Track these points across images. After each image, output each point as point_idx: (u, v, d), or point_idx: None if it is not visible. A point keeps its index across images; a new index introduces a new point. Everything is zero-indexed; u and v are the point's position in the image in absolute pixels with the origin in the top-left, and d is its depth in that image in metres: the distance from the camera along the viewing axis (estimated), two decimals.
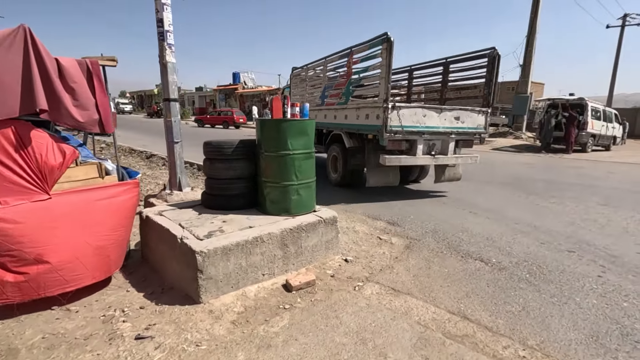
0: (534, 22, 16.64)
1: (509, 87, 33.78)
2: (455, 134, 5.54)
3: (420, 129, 5.19)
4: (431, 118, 5.27)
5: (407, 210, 4.94)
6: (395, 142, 5.10)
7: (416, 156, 5.27)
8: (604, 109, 14.84)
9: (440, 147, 5.53)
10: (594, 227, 4.32)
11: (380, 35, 4.88)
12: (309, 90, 7.63)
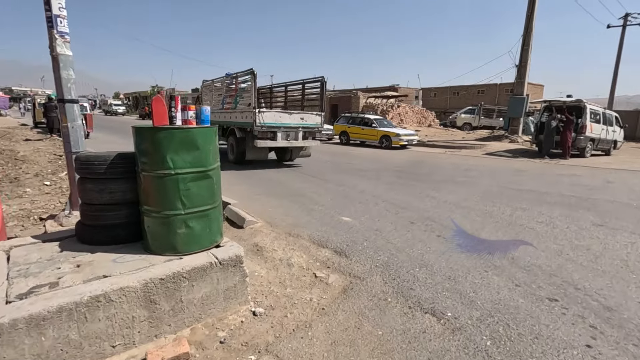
0: (530, 20, 15.86)
1: (507, 89, 32.87)
2: (302, 128, 8.93)
3: (278, 125, 8.47)
4: (285, 118, 8.69)
5: (365, 234, 4.14)
6: (262, 133, 8.32)
7: (277, 141, 8.53)
8: (604, 112, 14.03)
9: (293, 136, 8.82)
10: (585, 258, 3.51)
11: (248, 70, 8.21)
12: (216, 97, 10.50)
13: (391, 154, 13.52)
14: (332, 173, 8.50)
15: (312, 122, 9.14)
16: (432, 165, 10.56)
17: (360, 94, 26.17)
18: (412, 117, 25.70)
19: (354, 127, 16.88)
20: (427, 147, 16.71)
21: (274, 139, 8.46)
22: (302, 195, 6.03)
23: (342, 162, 10.61)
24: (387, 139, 15.47)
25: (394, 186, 6.99)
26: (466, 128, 25.42)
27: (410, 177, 8.12)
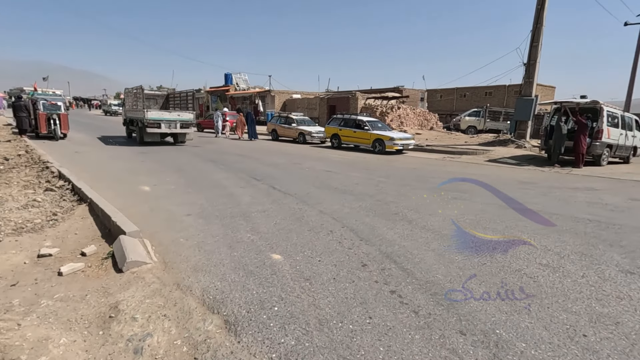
0: (540, 14, 14.41)
1: (516, 90, 31.17)
2: (179, 121, 13.93)
3: (161, 118, 13.49)
4: (166, 114, 13.84)
5: (288, 286, 2.89)
6: (150, 124, 13.24)
7: (162, 129, 13.52)
8: (623, 115, 12.52)
9: (174, 126, 13.81)
10: (615, 338, 2.20)
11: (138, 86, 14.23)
12: (131, 101, 15.15)
13: (382, 161, 12.21)
14: (301, 185, 7.25)
15: (186, 117, 14.24)
16: (423, 176, 9.23)
17: (358, 95, 24.84)
18: (414, 120, 24.28)
19: (346, 129, 15.60)
20: (425, 152, 15.33)
21: (159, 127, 13.48)
22: (243, 216, 4.79)
23: (321, 171, 9.34)
24: (381, 143, 14.16)
25: (366, 204, 5.71)
26: (470, 131, 23.90)
27: (390, 191, 6.82)
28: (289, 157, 12.41)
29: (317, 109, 28.70)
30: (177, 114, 14.03)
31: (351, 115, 16.18)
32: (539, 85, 30.46)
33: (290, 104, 31.65)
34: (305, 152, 14.54)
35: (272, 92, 32.37)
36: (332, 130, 16.29)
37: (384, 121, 21.16)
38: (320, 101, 28.61)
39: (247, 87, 38.27)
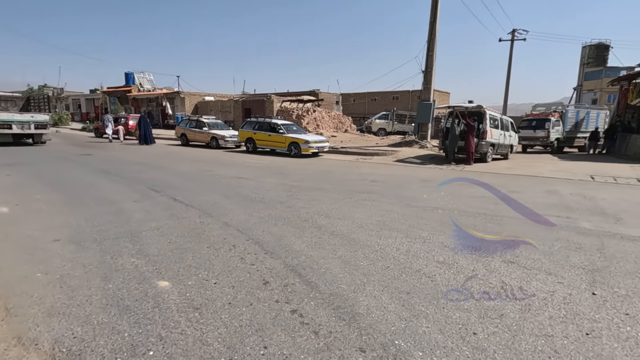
0: (433, 27, 15.94)
1: (419, 95, 34.25)
2: (33, 122, 14.72)
3: (12, 120, 14.23)
4: (17, 116, 14.60)
5: (173, 321, 2.46)
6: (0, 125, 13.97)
7: (13, 130, 14.23)
8: (501, 117, 14.48)
9: (27, 127, 14.57)
10: (500, 340, 2.30)
11: None
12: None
13: (298, 164, 12.13)
14: (208, 194, 6.68)
15: (40, 119, 15.20)
16: (337, 178, 9.36)
17: (274, 98, 24.58)
18: (329, 123, 24.93)
19: (261, 133, 15.19)
20: (340, 154, 15.76)
21: (10, 128, 14.07)
22: (130, 237, 4.12)
23: (232, 177, 8.82)
24: (296, 147, 14.09)
25: (276, 212, 5.45)
26: (381, 133, 25.50)
27: (302, 197, 6.68)
28: (199, 163, 11.55)
29: (232, 112, 27.65)
30: (30, 116, 14.98)
31: (265, 118, 15.82)
32: (436, 91, 33.87)
33: (203, 106, 29.93)
34: (218, 157, 13.74)
35: (181, 94, 30.19)
36: (246, 134, 15.72)
37: (300, 124, 21.27)
38: (235, 104, 27.61)
39: (152, 87, 35.11)
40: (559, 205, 6.27)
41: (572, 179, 9.68)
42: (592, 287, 3.06)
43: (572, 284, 3.12)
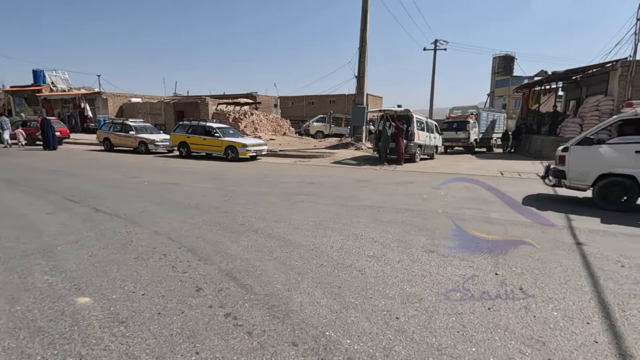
0: (364, 34, 16.76)
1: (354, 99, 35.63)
2: None
3: None
4: None
5: (95, 337, 2.31)
6: None
7: None
8: (427, 120, 15.73)
9: None
10: (418, 322, 2.56)
11: None
12: None
13: (235, 168, 11.89)
14: (135, 202, 6.27)
15: None
16: (275, 181, 9.38)
17: (209, 100, 23.72)
18: (267, 126, 24.78)
19: (195, 137, 14.59)
20: (279, 157, 15.79)
21: None
22: (43, 253, 3.73)
23: (163, 184, 8.36)
24: (233, 150, 13.80)
25: (210, 217, 5.32)
26: (319, 136, 26.05)
27: (240, 201, 6.61)
28: (125, 170, 10.74)
29: (163, 115, 26.09)
30: None
31: (200, 121, 15.23)
32: (369, 95, 35.47)
33: (129, 108, 27.78)
34: (147, 163, 12.90)
35: (103, 95, 27.69)
36: (179, 138, 14.97)
37: (238, 128, 20.87)
38: (166, 106, 26.10)
39: (68, 87, 31.66)
40: (476, 199, 7.03)
41: (486, 175, 10.89)
42: (495, 269, 3.53)
43: (480, 267, 3.56)
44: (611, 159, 6.19)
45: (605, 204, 6.23)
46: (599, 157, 6.27)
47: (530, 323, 2.54)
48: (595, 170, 6.30)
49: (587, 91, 18.29)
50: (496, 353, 2.20)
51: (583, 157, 6.45)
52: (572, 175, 6.57)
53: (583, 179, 6.45)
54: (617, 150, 6.18)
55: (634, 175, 5.99)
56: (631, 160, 6.01)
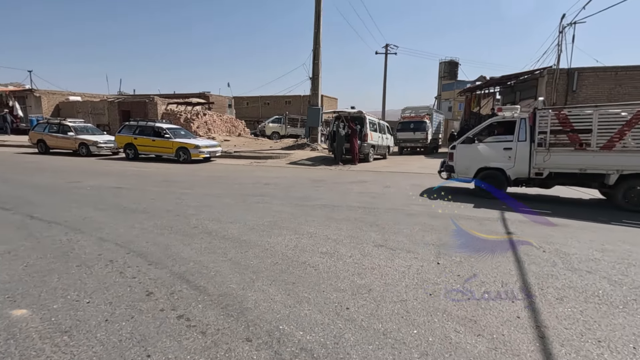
0: (317, 36, 17.00)
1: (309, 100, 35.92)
2: None
3: None
4: None
5: (34, 349, 2.19)
6: None
7: None
8: (379, 122, 16.35)
9: None
10: (366, 311, 2.74)
11: None
12: None
13: (187, 170, 11.52)
14: (77, 208, 5.88)
15: None
16: (230, 182, 9.25)
17: (158, 100, 22.61)
18: (221, 126, 24.19)
19: (143, 138, 13.89)
20: (234, 158, 15.52)
21: None
22: None
23: (108, 188, 7.90)
24: (185, 152, 13.34)
25: (162, 221, 5.16)
26: (275, 137, 25.94)
27: (193, 203, 6.45)
28: (64, 174, 9.97)
29: (107, 115, 24.45)
30: None
31: (148, 122, 14.52)
32: (325, 97, 35.94)
33: (67, 107, 25.68)
34: (90, 166, 12.07)
35: (35, 92, 25.32)
36: (125, 140, 14.16)
37: (190, 128, 20.17)
38: (110, 105, 24.48)
39: None
40: (423, 196, 7.48)
41: (433, 173, 11.58)
42: (437, 258, 3.83)
43: (424, 258, 3.85)
44: (486, 155, 7.40)
45: (485, 193, 7.34)
46: (478, 154, 7.47)
47: (465, 305, 2.83)
48: (475, 164, 7.51)
49: (520, 95, 20.12)
50: (434, 333, 2.43)
51: (466, 154, 7.62)
52: (458, 169, 7.76)
53: (467, 172, 7.65)
54: (491, 147, 7.41)
55: (503, 168, 7.23)
56: (500, 156, 7.26)
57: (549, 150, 6.79)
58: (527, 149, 7.00)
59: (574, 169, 6.71)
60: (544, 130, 6.81)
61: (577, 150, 6.60)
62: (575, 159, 6.63)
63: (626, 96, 15.86)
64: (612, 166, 6.37)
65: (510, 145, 7.17)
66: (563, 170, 6.85)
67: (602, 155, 6.41)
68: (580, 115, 6.70)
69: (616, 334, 2.44)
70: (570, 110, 6.86)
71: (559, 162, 6.78)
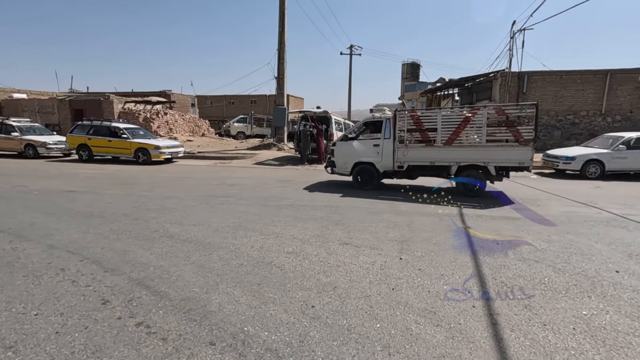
0: (282, 36, 16.92)
1: (275, 100, 35.64)
2: None
3: None
4: None
5: None
6: None
7: None
8: (345, 121, 16.55)
9: None
10: (331, 308, 2.77)
11: None
12: None
13: (148, 172, 11.04)
14: (23, 214, 5.45)
15: None
16: (193, 184, 8.98)
17: (114, 98, 21.43)
18: (184, 126, 23.39)
19: (98, 139, 13.13)
20: (198, 159, 15.08)
21: None
22: None
23: (59, 192, 7.40)
24: (145, 153, 12.77)
25: (119, 226, 4.92)
26: (240, 137, 25.50)
27: (153, 206, 6.20)
28: (8, 177, 9.22)
29: (57, 114, 22.84)
30: None
31: (103, 121, 13.75)
32: (290, 96, 35.83)
33: (11, 106, 23.71)
34: (38, 169, 11.23)
35: None
36: (78, 140, 13.32)
37: (150, 128, 19.36)
38: (61, 104, 22.88)
39: None
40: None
41: None
42: (400, 254, 3.96)
43: (388, 254, 3.96)
44: (360, 151, 8.24)
45: (360, 184, 8.23)
46: (353, 150, 8.29)
47: (425, 297, 2.95)
48: (351, 159, 8.32)
49: (476, 96, 21.19)
50: (397, 326, 2.52)
51: (344, 150, 8.43)
52: (338, 164, 8.56)
53: (345, 167, 8.43)
54: (363, 144, 8.26)
55: (373, 162, 8.09)
56: (371, 152, 8.13)
57: (407, 147, 7.75)
58: (391, 145, 7.90)
59: (426, 162, 7.73)
60: (402, 129, 7.77)
61: (427, 146, 7.64)
62: (427, 154, 7.67)
63: (569, 98, 17.23)
64: (453, 159, 7.50)
65: (378, 142, 8.05)
66: (418, 163, 7.80)
67: (445, 150, 7.49)
68: (429, 116, 7.76)
69: (559, 317, 2.66)
70: (422, 112, 8.03)
71: (415, 157, 7.77)
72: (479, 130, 7.25)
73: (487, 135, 7.20)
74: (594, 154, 10.30)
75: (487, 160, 7.27)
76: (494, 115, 7.25)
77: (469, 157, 7.40)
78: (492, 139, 7.22)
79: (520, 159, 7.11)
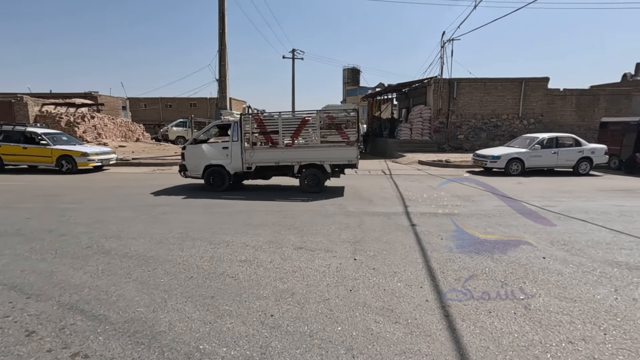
0: (222, 38, 16.40)
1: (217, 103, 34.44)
2: None
3: None
4: None
5: None
6: None
7: None
8: None
9: None
10: (290, 315, 2.71)
11: None
12: None
13: (75, 182, 9.92)
14: None
15: None
16: (128, 193, 8.26)
17: (29, 100, 18.94)
18: (115, 131, 21.49)
19: (10, 146, 11.50)
20: (132, 166, 13.94)
21: None
22: None
23: None
24: (70, 161, 11.47)
25: (42, 244, 4.33)
26: (180, 141, 24.12)
27: (83, 220, 5.58)
28: None
29: None
30: None
31: (15, 126, 12.09)
32: (233, 99, 34.88)
33: None
34: None
35: None
36: None
37: (74, 133, 17.51)
38: None
39: None
40: (362, 198, 7.79)
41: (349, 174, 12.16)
42: (354, 255, 4.02)
43: (342, 255, 4.00)
44: (210, 154, 8.37)
45: (212, 186, 8.33)
46: (203, 153, 8.38)
47: (381, 296, 3.02)
48: (202, 162, 8.38)
49: (413, 101, 22.54)
50: (357, 327, 2.54)
51: (194, 154, 8.47)
52: (190, 168, 8.54)
53: (197, 170, 8.45)
54: (213, 147, 8.42)
55: (223, 164, 8.25)
56: (220, 154, 8.30)
57: (253, 148, 8.13)
58: (239, 147, 8.17)
59: (272, 163, 8.18)
60: (248, 131, 8.11)
61: (271, 148, 8.08)
62: (271, 155, 8.13)
63: (492, 103, 19.08)
64: (294, 159, 8.08)
65: (227, 145, 8.26)
66: (265, 163, 8.22)
67: (287, 151, 8.04)
68: (271, 119, 8.16)
69: (501, 304, 2.89)
70: (264, 115, 8.37)
71: (261, 158, 8.17)
72: (315, 132, 7.94)
73: (321, 137, 7.93)
74: (515, 153, 11.51)
75: (323, 159, 8.01)
76: (325, 119, 7.96)
77: (308, 157, 8.02)
78: (325, 140, 7.96)
79: (349, 157, 8.03)
